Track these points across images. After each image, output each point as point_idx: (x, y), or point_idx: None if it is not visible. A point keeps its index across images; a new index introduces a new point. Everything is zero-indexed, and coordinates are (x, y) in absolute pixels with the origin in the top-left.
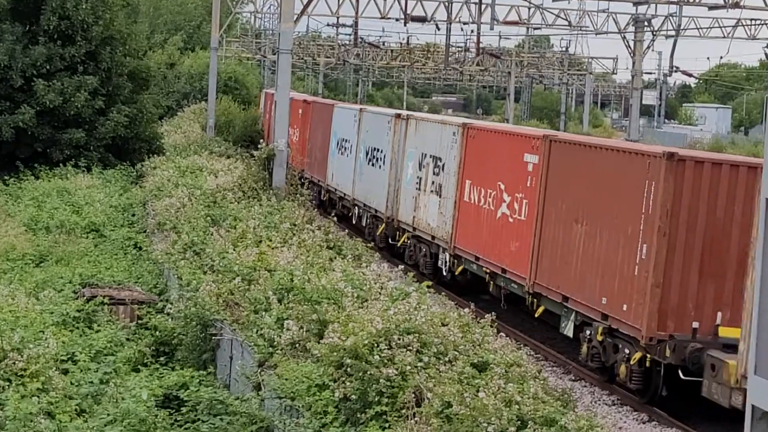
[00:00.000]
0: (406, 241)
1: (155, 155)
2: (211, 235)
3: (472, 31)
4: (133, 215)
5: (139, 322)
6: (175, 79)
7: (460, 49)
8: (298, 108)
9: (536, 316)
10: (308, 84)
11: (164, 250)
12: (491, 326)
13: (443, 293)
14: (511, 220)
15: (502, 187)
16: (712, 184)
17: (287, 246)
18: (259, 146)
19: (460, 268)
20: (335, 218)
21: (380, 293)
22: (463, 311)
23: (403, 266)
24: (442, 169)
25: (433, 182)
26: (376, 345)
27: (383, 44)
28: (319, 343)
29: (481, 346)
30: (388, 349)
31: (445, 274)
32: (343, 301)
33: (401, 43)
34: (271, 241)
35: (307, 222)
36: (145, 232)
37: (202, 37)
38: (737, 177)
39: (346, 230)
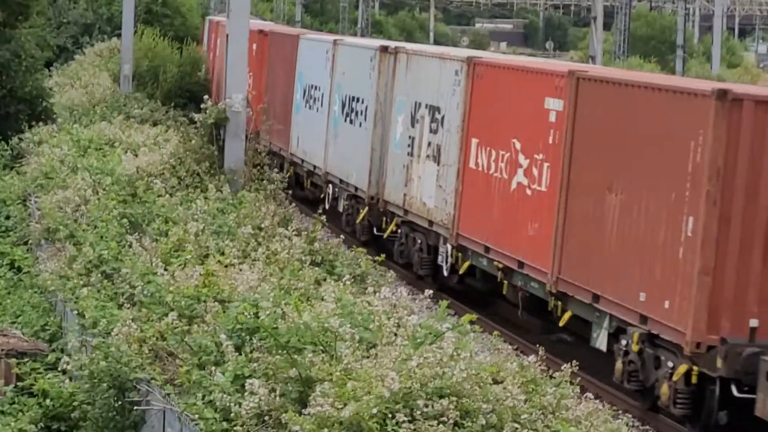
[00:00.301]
0: (395, 230)
1: (40, 123)
2: (130, 247)
3: None
4: (7, 218)
5: (19, 384)
6: (69, 4)
7: None
8: (252, 43)
9: (561, 325)
10: (279, 6)
11: (57, 272)
12: (571, 382)
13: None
14: (529, 192)
15: (518, 146)
16: None
17: (249, 262)
18: (203, 106)
19: (465, 265)
20: (323, 214)
21: (396, 334)
22: (528, 359)
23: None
24: (441, 125)
25: (429, 143)
26: (390, 416)
27: None
28: (300, 414)
29: (556, 414)
30: (410, 421)
31: (446, 274)
32: (338, 347)
33: None
34: (223, 255)
35: (281, 224)
36: (25, 243)
37: None
38: None
39: (342, 235)
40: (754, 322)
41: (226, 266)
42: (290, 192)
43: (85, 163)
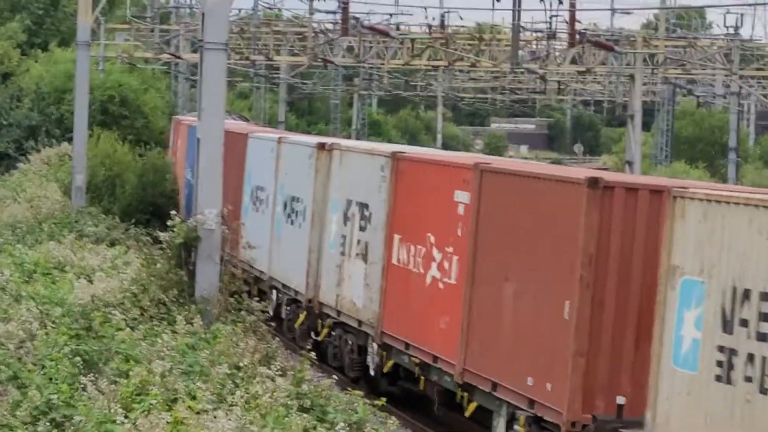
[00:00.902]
0: (328, 332)
1: None
2: (84, 390)
3: (560, 2)
4: None
5: None
6: (11, 102)
7: (538, 34)
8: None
9: (467, 416)
10: (259, 104)
11: None
12: None
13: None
14: (441, 285)
15: (432, 240)
16: (650, 217)
17: (225, 408)
18: (170, 223)
19: (389, 364)
20: (311, 349)
21: None
22: None
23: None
24: (369, 221)
25: (359, 241)
26: None
27: (397, 29)
28: None
29: None
30: None
31: (372, 373)
32: None
33: (430, 27)
34: (194, 399)
35: (262, 362)
36: None
37: (62, 23)
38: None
39: (335, 375)
40: (621, 400)
41: (197, 413)
42: (273, 324)
43: (31, 291)
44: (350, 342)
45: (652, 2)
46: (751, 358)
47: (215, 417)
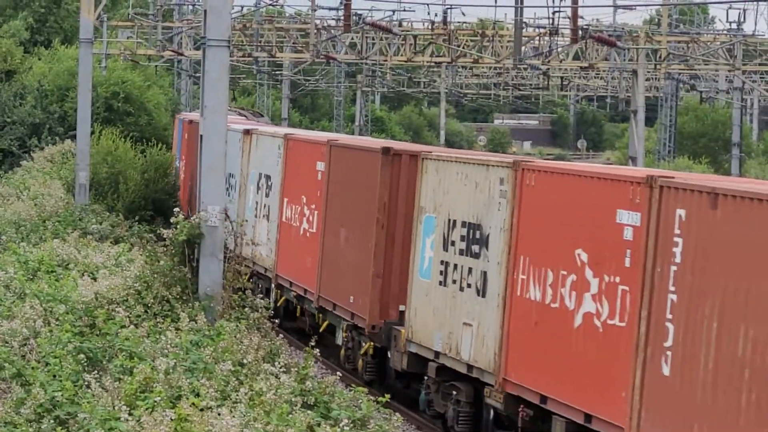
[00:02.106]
0: (247, 279)
1: None
2: (88, 387)
3: None
4: None
5: None
6: (14, 100)
7: (541, 30)
8: (184, 132)
9: (321, 331)
10: (262, 101)
11: (1, 418)
12: None
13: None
14: (308, 234)
15: (304, 200)
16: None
17: (229, 405)
18: (173, 220)
19: (281, 300)
20: (315, 346)
21: None
22: None
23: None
24: (271, 189)
25: (265, 205)
26: None
27: (399, 25)
28: None
29: None
30: None
31: (272, 311)
32: None
33: (433, 23)
34: (198, 396)
35: (266, 359)
36: None
37: (64, 21)
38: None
39: (340, 371)
40: (402, 308)
41: (201, 410)
42: (277, 321)
43: (35, 289)
44: (260, 286)
45: None
46: (455, 267)
47: (219, 414)
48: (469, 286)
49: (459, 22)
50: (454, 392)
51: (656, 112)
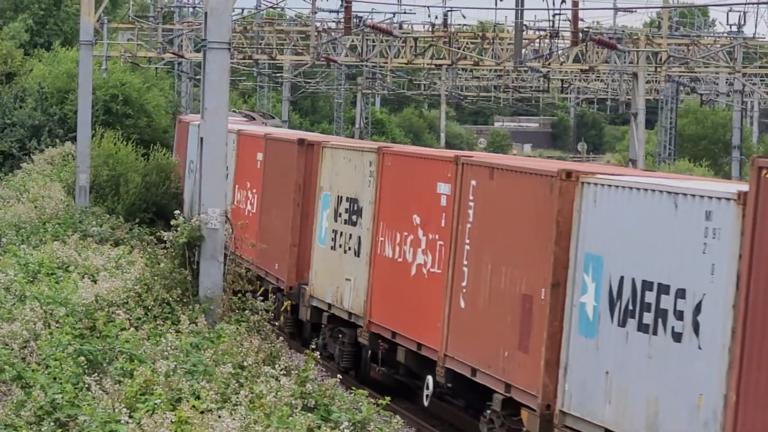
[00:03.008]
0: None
1: None
2: (88, 390)
3: (563, 1)
4: None
5: None
6: (14, 102)
7: (541, 33)
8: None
9: (259, 294)
10: (262, 103)
11: (1, 420)
12: None
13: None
14: (251, 215)
15: (248, 185)
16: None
17: (229, 407)
18: (173, 222)
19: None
20: (316, 350)
21: None
22: None
23: None
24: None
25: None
26: None
27: (399, 27)
28: None
29: None
30: None
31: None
32: None
33: (433, 25)
34: (199, 399)
35: (266, 361)
36: None
37: (64, 23)
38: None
39: (340, 375)
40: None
41: (202, 412)
42: (277, 324)
43: (35, 291)
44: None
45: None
46: (342, 234)
47: (219, 416)
48: (350, 248)
49: (459, 25)
50: (340, 335)
51: (656, 115)
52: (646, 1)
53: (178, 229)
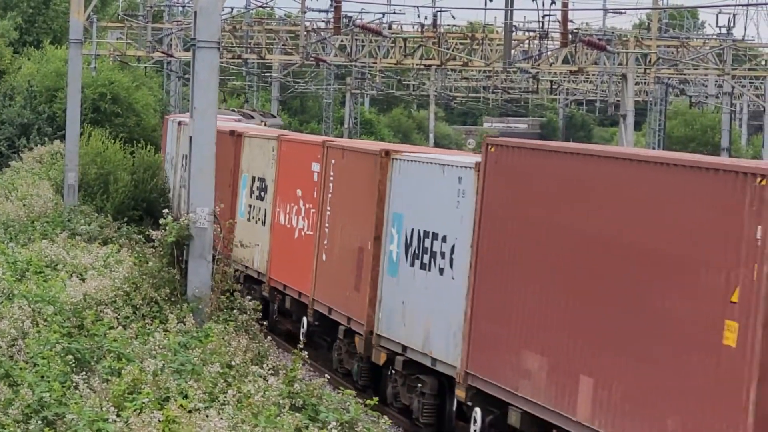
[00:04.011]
0: None
1: None
2: (76, 388)
3: (552, 2)
4: None
5: None
6: (4, 100)
7: (531, 34)
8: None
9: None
10: (252, 103)
11: None
12: None
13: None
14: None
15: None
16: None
17: (217, 407)
18: (162, 221)
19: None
20: (304, 350)
21: None
22: None
23: None
24: (186, 168)
25: (182, 178)
26: None
27: (389, 28)
28: None
29: None
30: None
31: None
32: None
33: (422, 26)
34: (186, 398)
35: (254, 361)
36: None
37: (54, 21)
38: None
39: (328, 374)
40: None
41: (189, 411)
42: (265, 323)
43: (23, 289)
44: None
45: (644, 2)
46: (254, 208)
47: (207, 416)
48: (258, 219)
49: (449, 25)
50: (253, 291)
51: (645, 117)
52: (636, 3)
53: (167, 228)
